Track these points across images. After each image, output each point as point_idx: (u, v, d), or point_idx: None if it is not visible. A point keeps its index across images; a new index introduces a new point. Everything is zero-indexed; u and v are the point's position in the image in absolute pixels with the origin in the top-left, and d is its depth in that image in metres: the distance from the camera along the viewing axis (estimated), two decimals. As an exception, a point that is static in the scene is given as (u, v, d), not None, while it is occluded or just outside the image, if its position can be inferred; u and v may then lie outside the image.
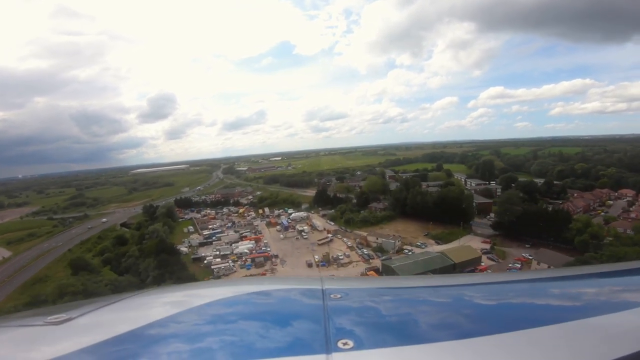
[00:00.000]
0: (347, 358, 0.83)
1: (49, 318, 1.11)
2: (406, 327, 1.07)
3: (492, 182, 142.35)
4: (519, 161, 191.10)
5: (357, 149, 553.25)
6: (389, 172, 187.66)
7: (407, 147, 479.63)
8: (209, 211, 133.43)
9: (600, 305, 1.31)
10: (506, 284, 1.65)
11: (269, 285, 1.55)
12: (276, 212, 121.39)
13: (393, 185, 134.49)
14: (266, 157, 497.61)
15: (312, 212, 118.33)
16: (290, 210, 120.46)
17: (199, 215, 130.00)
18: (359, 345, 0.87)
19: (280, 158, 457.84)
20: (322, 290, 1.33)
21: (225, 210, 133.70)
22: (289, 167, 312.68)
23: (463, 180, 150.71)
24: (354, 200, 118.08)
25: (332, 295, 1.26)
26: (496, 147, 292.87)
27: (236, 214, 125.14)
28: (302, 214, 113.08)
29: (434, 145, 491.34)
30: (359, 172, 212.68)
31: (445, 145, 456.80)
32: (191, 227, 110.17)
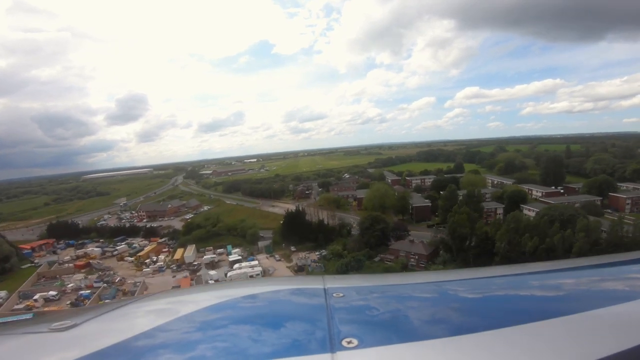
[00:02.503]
0: (351, 356, 0.81)
1: (53, 325, 1.08)
2: (410, 324, 1.04)
3: (558, 188, 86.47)
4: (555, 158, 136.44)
5: (337, 149, 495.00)
6: (388, 175, 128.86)
7: (391, 147, 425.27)
8: (93, 249, 69.10)
9: (606, 296, 1.24)
10: (510, 278, 1.57)
11: (272, 286, 1.49)
12: (207, 256, 59.00)
13: (417, 199, 75.15)
14: (242, 159, 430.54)
15: (277, 256, 57.07)
16: (233, 253, 58.55)
17: (69, 257, 66.06)
18: (363, 344, 0.85)
19: (255, 160, 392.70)
20: (324, 289, 1.28)
21: (123, 245, 69.82)
22: (262, 170, 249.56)
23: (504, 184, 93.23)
24: (354, 229, 58.12)
25: (334, 294, 1.22)
26: (476, 146, 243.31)
27: (133, 258, 61.71)
28: (254, 267, 50.99)
29: (416, 145, 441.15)
30: (346, 175, 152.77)
31: (429, 144, 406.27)
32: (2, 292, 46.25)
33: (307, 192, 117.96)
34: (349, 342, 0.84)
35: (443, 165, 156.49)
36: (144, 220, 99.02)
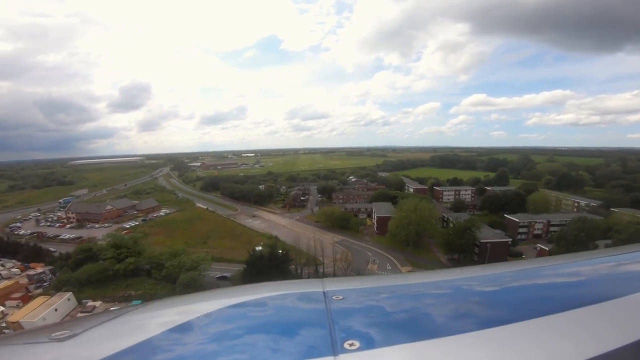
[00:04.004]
0: (354, 359, 0.79)
1: (53, 334, 1.05)
2: (410, 324, 1.02)
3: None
4: (616, 174, 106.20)
5: (338, 149, 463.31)
6: (408, 182, 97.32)
7: (395, 150, 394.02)
8: None
9: (612, 289, 1.21)
10: (510, 274, 1.53)
11: (271, 291, 1.46)
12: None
13: (490, 233, 43.53)
14: (238, 153, 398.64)
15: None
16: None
17: None
18: (365, 345, 0.83)
19: (253, 155, 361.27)
20: (324, 292, 1.25)
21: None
22: (256, 165, 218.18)
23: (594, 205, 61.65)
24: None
25: (334, 297, 1.19)
26: (486, 154, 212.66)
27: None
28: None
29: (421, 149, 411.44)
30: (352, 178, 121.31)
31: (435, 149, 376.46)
32: None
33: (302, 198, 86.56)
34: (350, 345, 0.83)
35: (465, 173, 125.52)
36: (68, 227, 67.62)
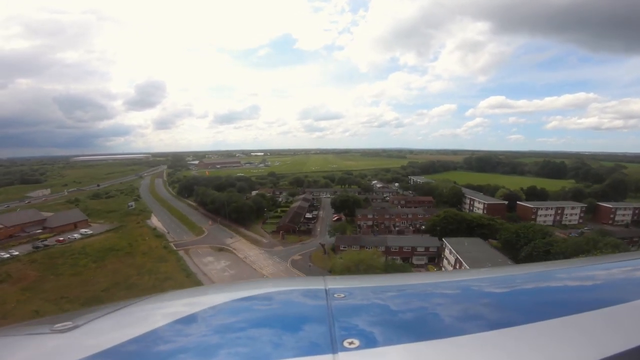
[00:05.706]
0: (353, 357, 0.77)
1: (55, 326, 1.04)
2: (411, 325, 1.00)
3: None
4: None
5: (350, 151, 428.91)
6: (470, 194, 63.34)
7: (411, 152, 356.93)
8: None
9: (615, 295, 1.17)
10: (514, 277, 1.50)
11: (273, 287, 1.44)
12: None
13: None
14: (249, 152, 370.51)
15: None
16: None
17: None
18: (365, 344, 0.81)
19: (262, 154, 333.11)
20: (326, 290, 1.23)
21: None
22: (261, 165, 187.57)
23: None
24: None
25: (335, 295, 1.17)
26: (518, 157, 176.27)
27: None
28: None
29: (440, 152, 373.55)
30: (377, 183, 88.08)
31: (455, 152, 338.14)
32: None
33: (308, 215, 53.94)
34: (350, 343, 0.82)
35: (511, 179, 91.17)
36: None
